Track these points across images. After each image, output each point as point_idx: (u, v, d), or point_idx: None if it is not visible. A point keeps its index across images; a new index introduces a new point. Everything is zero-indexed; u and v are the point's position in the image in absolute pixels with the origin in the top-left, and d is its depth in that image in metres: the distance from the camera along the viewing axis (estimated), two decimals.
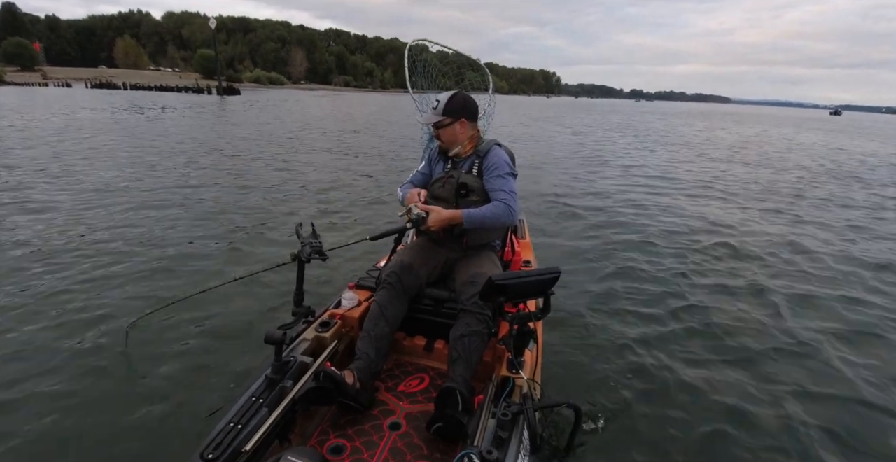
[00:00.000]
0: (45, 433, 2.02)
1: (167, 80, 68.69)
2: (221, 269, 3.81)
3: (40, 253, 3.97)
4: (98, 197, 5.91)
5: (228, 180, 7.39)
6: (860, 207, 7.63)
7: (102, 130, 13.31)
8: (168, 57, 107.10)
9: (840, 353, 3.00)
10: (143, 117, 18.54)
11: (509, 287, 1.55)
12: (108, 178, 7.12)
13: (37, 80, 57.69)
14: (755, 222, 6.45)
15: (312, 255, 1.79)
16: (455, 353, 1.76)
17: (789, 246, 5.24)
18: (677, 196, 7.99)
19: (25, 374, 2.39)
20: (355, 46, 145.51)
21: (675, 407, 2.39)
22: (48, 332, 2.77)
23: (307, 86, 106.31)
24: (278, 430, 1.48)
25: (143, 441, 1.99)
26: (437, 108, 2.03)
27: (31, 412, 2.13)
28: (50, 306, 3.07)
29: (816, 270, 4.49)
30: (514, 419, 1.42)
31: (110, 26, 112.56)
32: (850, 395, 2.58)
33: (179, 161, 8.83)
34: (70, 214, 5.13)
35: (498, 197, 1.92)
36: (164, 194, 6.27)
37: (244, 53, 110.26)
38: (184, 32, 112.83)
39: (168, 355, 2.60)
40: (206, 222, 5.09)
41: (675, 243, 5.17)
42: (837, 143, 22.46)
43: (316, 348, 1.83)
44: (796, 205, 7.57)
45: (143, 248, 4.22)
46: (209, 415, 2.09)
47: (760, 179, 10.02)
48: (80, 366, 2.47)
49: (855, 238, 5.75)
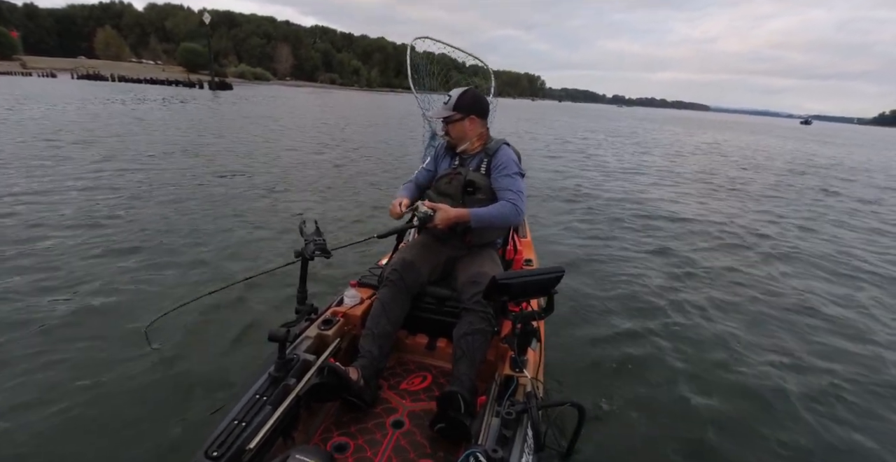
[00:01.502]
0: (49, 429, 1.99)
1: (150, 72, 67.26)
2: (230, 265, 3.78)
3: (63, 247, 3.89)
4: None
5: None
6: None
7: (133, 123, 13.44)
8: (150, 49, 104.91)
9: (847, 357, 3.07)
10: (166, 110, 18.66)
11: (513, 286, 1.56)
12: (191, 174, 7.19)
13: (16, 70, 55.98)
14: (757, 221, 6.66)
15: (316, 252, 1.78)
16: (459, 351, 1.76)
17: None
18: (679, 195, 8.17)
19: (44, 373, 2.35)
20: (342, 44, 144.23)
21: (680, 406, 2.42)
22: (67, 333, 2.71)
23: (293, 82, 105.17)
24: (282, 427, 1.46)
25: (148, 439, 1.96)
26: (448, 103, 2.04)
27: (40, 409, 2.10)
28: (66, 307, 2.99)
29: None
30: (518, 418, 1.43)
31: (90, 16, 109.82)
32: (855, 395, 2.64)
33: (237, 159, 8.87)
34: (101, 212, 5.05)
35: (505, 196, 1.93)
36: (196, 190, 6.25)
37: (228, 48, 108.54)
38: (167, 24, 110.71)
39: (180, 354, 2.56)
40: (224, 218, 5.09)
41: (681, 242, 5.27)
42: (792, 147, 25.79)
43: (319, 346, 1.82)
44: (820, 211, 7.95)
45: (177, 239, 4.29)
46: (212, 413, 2.06)
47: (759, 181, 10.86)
48: (94, 365, 2.43)
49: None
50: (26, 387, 2.24)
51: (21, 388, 2.23)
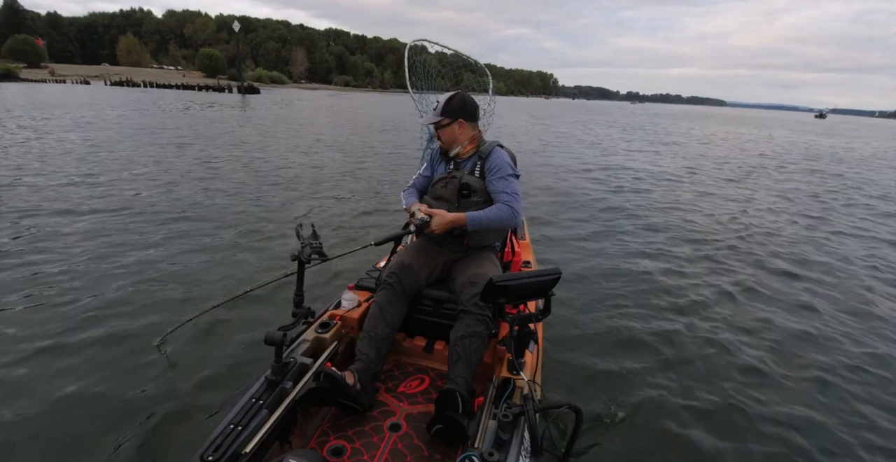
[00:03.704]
0: (53, 432, 2.03)
1: (172, 78, 68.89)
2: (235, 275, 3.81)
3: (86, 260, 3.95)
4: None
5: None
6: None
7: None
8: (170, 55, 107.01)
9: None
10: (234, 115, 20.04)
11: (510, 288, 1.54)
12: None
13: (46, 77, 57.55)
14: (757, 217, 6.52)
15: (312, 255, 1.78)
16: (455, 354, 1.75)
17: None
18: (680, 195, 8.02)
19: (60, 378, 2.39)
20: (355, 46, 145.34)
21: (677, 408, 2.39)
22: (79, 343, 2.74)
23: (308, 85, 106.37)
24: (278, 431, 1.47)
25: (149, 443, 1.99)
26: (436, 108, 2.05)
27: (47, 412, 2.14)
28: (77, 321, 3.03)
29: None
30: (514, 420, 1.42)
31: (112, 24, 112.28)
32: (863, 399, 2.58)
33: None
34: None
35: (501, 199, 1.92)
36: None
37: (245, 52, 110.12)
38: (185, 31, 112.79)
39: (188, 364, 2.58)
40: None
41: (680, 244, 5.18)
42: (801, 139, 27.08)
43: (316, 349, 1.82)
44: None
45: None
46: (209, 416, 2.08)
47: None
48: (100, 373, 2.46)
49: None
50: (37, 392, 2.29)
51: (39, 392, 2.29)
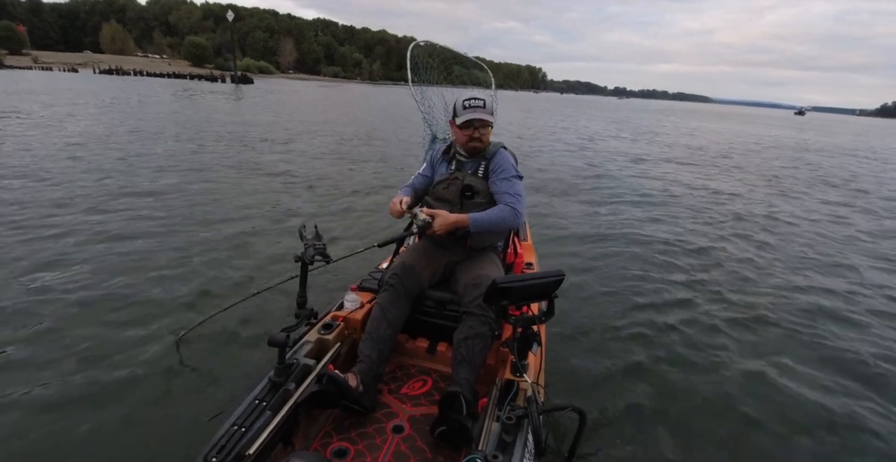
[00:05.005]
0: (53, 431, 2.01)
1: (159, 66, 67.57)
2: (240, 275, 3.75)
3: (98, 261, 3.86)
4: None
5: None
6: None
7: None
8: (154, 43, 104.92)
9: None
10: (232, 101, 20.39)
11: (513, 290, 1.54)
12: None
13: (31, 64, 56.17)
14: (757, 215, 6.63)
15: (316, 257, 1.77)
16: (459, 355, 1.75)
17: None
18: (682, 194, 8.06)
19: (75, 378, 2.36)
20: (343, 37, 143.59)
21: (681, 410, 2.39)
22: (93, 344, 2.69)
23: (296, 76, 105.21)
24: (282, 433, 1.46)
25: (151, 444, 1.97)
26: (485, 106, 1.94)
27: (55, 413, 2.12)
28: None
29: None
30: (518, 423, 1.42)
31: (94, 10, 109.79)
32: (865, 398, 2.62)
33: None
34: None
35: (504, 200, 1.91)
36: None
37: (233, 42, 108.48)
38: (170, 18, 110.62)
39: (192, 365, 2.54)
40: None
41: (681, 243, 5.19)
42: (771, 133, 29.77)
43: (319, 350, 1.82)
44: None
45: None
46: (211, 418, 2.07)
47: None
48: (107, 377, 2.41)
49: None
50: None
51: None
